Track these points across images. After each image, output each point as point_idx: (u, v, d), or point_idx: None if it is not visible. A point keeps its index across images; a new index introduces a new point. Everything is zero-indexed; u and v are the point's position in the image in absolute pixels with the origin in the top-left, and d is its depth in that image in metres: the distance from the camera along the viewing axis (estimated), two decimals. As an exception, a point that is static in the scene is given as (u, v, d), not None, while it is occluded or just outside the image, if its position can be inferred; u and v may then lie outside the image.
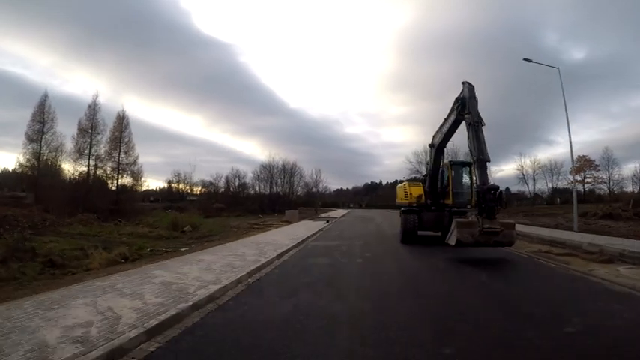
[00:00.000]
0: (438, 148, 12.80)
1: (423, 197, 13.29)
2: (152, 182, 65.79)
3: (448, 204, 12.87)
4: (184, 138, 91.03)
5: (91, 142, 34.57)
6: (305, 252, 10.57)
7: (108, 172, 36.12)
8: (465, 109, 10.00)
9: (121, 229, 22.20)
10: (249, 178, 58.67)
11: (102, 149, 35.39)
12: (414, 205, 13.17)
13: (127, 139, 36.90)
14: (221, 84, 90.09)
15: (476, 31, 79.73)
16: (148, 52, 79.15)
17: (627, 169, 53.38)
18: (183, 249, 11.60)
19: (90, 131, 34.46)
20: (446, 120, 11.79)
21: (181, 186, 62.93)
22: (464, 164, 13.54)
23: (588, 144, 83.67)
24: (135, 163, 37.76)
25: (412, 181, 13.75)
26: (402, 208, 13.26)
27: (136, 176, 38.62)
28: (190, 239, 17.92)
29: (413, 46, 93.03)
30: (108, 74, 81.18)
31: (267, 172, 58.61)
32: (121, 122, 36.88)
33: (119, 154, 36.40)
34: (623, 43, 69.72)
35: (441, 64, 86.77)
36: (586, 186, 57.87)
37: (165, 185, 65.76)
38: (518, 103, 71.88)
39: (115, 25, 72.26)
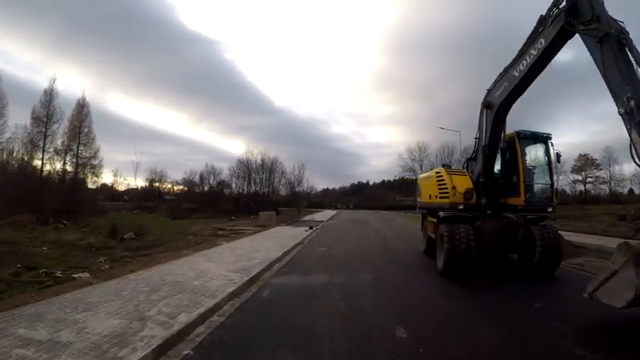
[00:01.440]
0: (499, 109, 7.25)
1: (474, 194, 7.66)
2: (138, 182, 60.14)
3: (517, 205, 7.53)
4: (170, 136, 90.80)
5: (45, 133, 29.91)
6: (245, 319, 4.52)
7: (64, 167, 31.67)
8: (582, 15, 4.74)
9: (57, 234, 18.63)
10: (226, 174, 52.41)
11: (58, 141, 31.11)
12: (461, 206, 7.53)
13: (86, 130, 32.56)
14: (207, 81, 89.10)
15: (465, 31, 79.15)
16: (132, 48, 77.40)
17: (614, 171, 51.18)
18: (76, 275, 7.27)
19: (45, 120, 29.85)
20: (523, 53, 6.34)
21: (165, 185, 58.97)
22: (538, 138, 8.00)
23: (573, 145, 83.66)
24: (95, 156, 33.50)
25: (447, 168, 8.36)
26: (441, 214, 7.53)
27: (96, 172, 34.55)
28: (127, 250, 14.44)
29: (401, 44, 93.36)
30: (92, 71, 78.96)
31: (245, 168, 52.29)
32: (81, 110, 32.46)
33: (77, 147, 31.96)
34: None
35: (429, 64, 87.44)
36: (587, 186, 54.62)
37: (146, 184, 60.46)
38: None
39: (98, 20, 70.53)
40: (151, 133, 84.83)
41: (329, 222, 24.80)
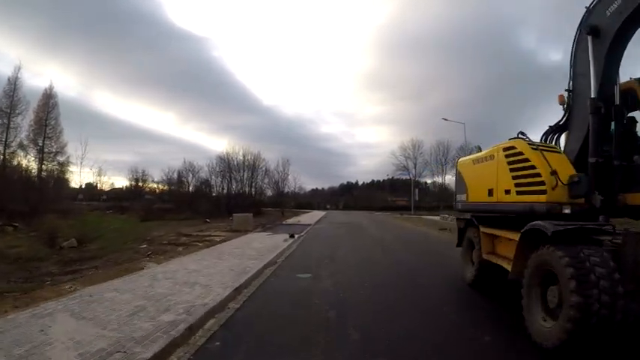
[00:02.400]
0: (618, 35, 3.78)
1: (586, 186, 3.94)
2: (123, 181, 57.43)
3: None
4: (158, 136, 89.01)
5: (8, 125, 27.39)
6: None
7: (28, 163, 29.26)
8: None
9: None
10: (205, 172, 48.04)
11: (22, 134, 28.83)
12: (567, 209, 3.84)
13: (53, 122, 30.31)
14: (194, 79, 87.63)
15: (456, 31, 78.84)
16: (119, 45, 74.63)
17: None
18: None
19: (8, 111, 27.34)
20: None
21: (149, 184, 54.68)
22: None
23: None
24: (62, 152, 31.19)
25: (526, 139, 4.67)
26: (548, 227, 3.38)
27: (63, 169, 32.40)
28: (57, 264, 10.82)
29: (392, 44, 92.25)
30: (78, 68, 77.77)
31: (226, 165, 47.94)
32: (47, 101, 30.18)
33: (43, 141, 29.67)
34: None
35: (420, 64, 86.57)
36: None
37: (131, 184, 56.27)
38: (498, 102, 71.62)
39: (83, 16, 67.93)
40: (139, 133, 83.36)
41: (316, 226, 20.97)
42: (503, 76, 72.02)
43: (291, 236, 13.50)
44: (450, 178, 56.93)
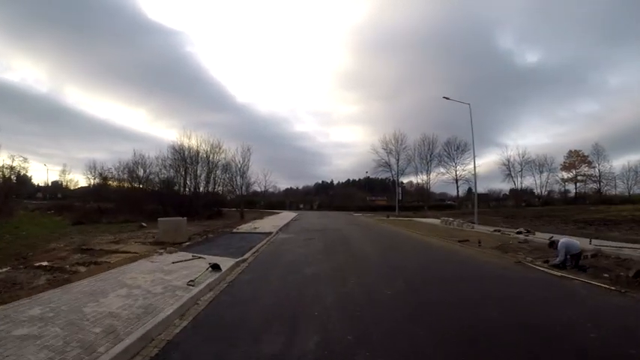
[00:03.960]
0: None
1: None
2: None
3: None
4: (129, 133, 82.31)
5: None
6: None
7: None
8: None
9: None
10: (156, 166, 39.58)
11: None
12: None
13: None
14: (166, 75, 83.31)
15: (433, 31, 78.34)
16: (88, 37, 71.25)
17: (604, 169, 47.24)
18: None
19: None
20: None
21: (114, 182, 46.95)
22: None
23: (537, 147, 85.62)
24: None
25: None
26: None
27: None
28: None
29: (368, 43, 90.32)
30: (48, 63, 74.37)
31: (180, 156, 39.86)
32: None
33: None
34: (577, 50, 72.01)
35: (396, 63, 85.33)
36: (578, 185, 49.78)
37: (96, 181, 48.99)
38: (474, 103, 68.19)
39: (49, 6, 62.51)
40: (111, 130, 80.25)
41: (278, 237, 14.35)
42: (479, 77, 72.91)
43: (214, 268, 6.81)
44: (435, 177, 52.28)
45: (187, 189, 37.95)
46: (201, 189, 38.11)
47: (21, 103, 65.21)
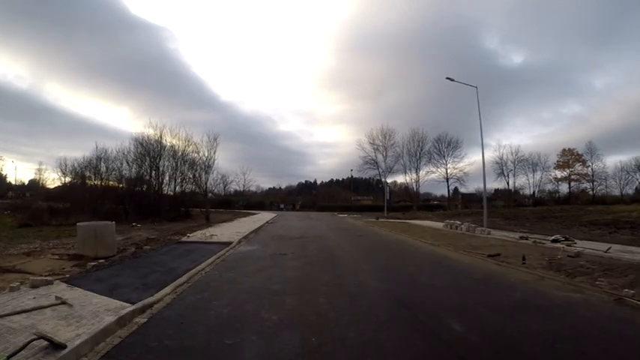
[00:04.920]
0: None
1: None
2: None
3: None
4: (112, 131, 76.89)
5: None
6: None
7: None
8: None
9: None
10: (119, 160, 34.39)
11: None
12: None
13: None
14: (150, 73, 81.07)
15: (418, 30, 77.65)
16: (69, 33, 67.96)
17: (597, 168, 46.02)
18: None
19: None
20: None
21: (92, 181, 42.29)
22: None
23: (519, 148, 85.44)
24: None
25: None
26: None
27: None
28: None
29: (352, 43, 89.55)
30: (28, 59, 70.19)
31: (143, 149, 34.86)
32: None
33: None
34: (561, 51, 71.89)
35: (381, 63, 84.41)
36: (572, 184, 48.21)
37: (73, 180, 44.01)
38: (459, 103, 68.56)
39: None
40: (93, 128, 75.86)
41: (239, 249, 10.54)
42: (464, 77, 69.71)
43: (53, 347, 3.02)
44: (424, 175, 49.59)
45: (154, 187, 33.22)
46: (165, 188, 33.40)
47: (3, 100, 62.06)
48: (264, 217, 29.51)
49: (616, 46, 66.07)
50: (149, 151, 33.02)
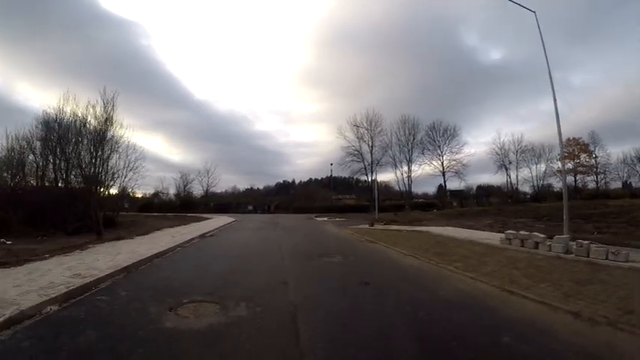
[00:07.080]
0: None
1: None
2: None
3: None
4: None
5: None
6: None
7: None
8: None
9: None
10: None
11: None
12: None
13: None
14: (120, 70, 70.76)
15: (397, 27, 73.67)
16: (34, 27, 58.87)
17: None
18: None
19: None
20: None
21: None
22: None
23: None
24: None
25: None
26: None
27: None
28: None
29: (331, 39, 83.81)
30: None
31: (55, 134, 24.80)
32: None
33: None
34: (540, 47, 66.14)
35: (360, 60, 79.30)
36: (578, 176, 42.43)
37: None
38: (439, 100, 67.01)
39: None
40: None
41: None
42: (444, 75, 68.86)
43: None
44: (416, 169, 42.33)
45: (54, 182, 23.34)
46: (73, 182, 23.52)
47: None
48: (208, 225, 20.64)
49: (592, 44, 62.70)
50: (61, 136, 22.94)
